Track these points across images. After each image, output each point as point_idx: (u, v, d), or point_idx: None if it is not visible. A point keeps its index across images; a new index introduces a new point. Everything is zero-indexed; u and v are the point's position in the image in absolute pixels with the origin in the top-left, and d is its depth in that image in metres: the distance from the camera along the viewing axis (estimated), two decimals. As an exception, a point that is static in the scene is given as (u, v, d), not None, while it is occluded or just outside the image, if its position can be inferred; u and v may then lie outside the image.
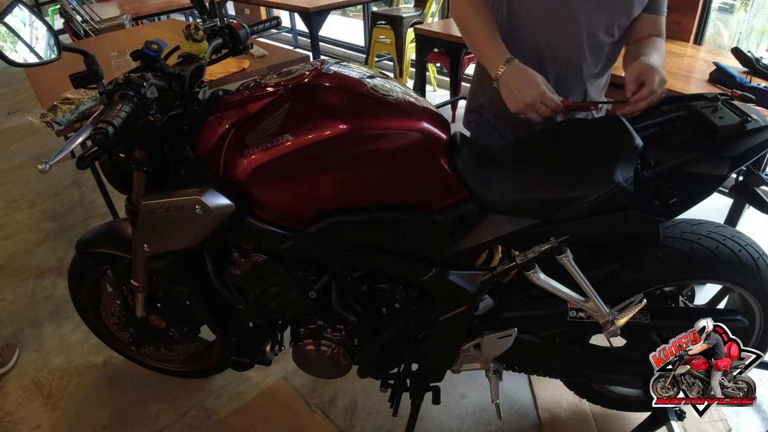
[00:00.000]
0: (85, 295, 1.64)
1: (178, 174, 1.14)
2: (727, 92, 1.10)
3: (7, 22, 1.04)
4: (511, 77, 1.12)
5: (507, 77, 1.12)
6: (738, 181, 1.17)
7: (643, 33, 1.25)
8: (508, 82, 1.12)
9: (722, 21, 3.43)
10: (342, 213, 1.07)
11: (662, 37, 1.26)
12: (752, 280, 1.18)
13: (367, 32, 4.68)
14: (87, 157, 0.95)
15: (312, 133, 1.01)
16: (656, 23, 1.26)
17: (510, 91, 1.11)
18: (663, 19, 1.27)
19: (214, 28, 1.21)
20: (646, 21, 1.25)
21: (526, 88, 1.09)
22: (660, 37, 1.25)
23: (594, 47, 1.25)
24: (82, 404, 1.77)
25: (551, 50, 1.25)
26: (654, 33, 1.25)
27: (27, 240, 2.67)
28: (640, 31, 1.25)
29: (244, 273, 1.21)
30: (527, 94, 1.08)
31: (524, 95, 1.09)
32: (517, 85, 1.10)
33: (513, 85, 1.11)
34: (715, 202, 2.15)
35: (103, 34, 3.41)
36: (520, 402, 1.71)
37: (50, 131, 1.85)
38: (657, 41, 1.23)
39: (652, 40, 1.22)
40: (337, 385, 1.78)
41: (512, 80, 1.11)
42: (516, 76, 1.11)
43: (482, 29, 1.20)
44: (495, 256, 1.23)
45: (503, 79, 1.13)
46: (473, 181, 1.07)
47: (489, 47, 1.18)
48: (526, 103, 1.09)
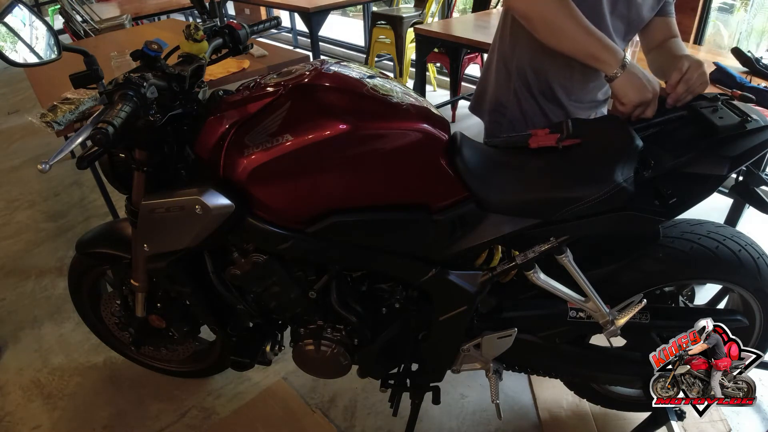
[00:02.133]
0: (85, 295, 1.64)
1: (178, 174, 1.13)
2: (727, 92, 1.10)
3: (7, 22, 1.04)
4: (638, 73, 1.06)
5: (634, 73, 1.06)
6: (738, 181, 1.17)
7: (660, 37, 1.27)
8: (634, 79, 1.06)
9: (722, 21, 3.43)
10: (342, 213, 1.07)
11: (678, 37, 1.27)
12: (752, 280, 1.18)
13: (367, 32, 4.68)
14: (87, 157, 0.95)
15: (312, 133, 1.00)
16: (669, 25, 1.27)
17: (636, 86, 1.05)
18: (674, 20, 1.29)
19: (214, 28, 1.21)
20: (658, 25, 1.27)
21: (643, 88, 1.05)
22: (678, 38, 1.26)
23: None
24: (82, 404, 1.77)
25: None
26: (670, 35, 1.27)
27: (27, 240, 2.67)
28: (656, 35, 1.28)
29: (244, 273, 1.21)
30: (651, 89, 1.05)
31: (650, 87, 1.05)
32: (637, 86, 1.05)
33: (639, 81, 1.05)
34: (715, 202, 2.15)
35: (103, 34, 3.41)
36: (520, 402, 1.71)
37: (50, 131, 1.85)
38: (678, 42, 1.24)
39: (674, 42, 1.24)
40: (337, 385, 1.78)
41: (639, 75, 1.06)
42: (634, 79, 1.06)
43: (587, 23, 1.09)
44: (495, 256, 1.23)
45: (628, 72, 1.06)
46: (473, 181, 1.07)
47: (602, 43, 1.08)
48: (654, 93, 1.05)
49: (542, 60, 1.29)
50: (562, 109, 1.36)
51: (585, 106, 1.39)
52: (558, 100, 1.35)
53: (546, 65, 1.29)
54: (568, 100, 1.35)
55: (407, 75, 4.23)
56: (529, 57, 1.30)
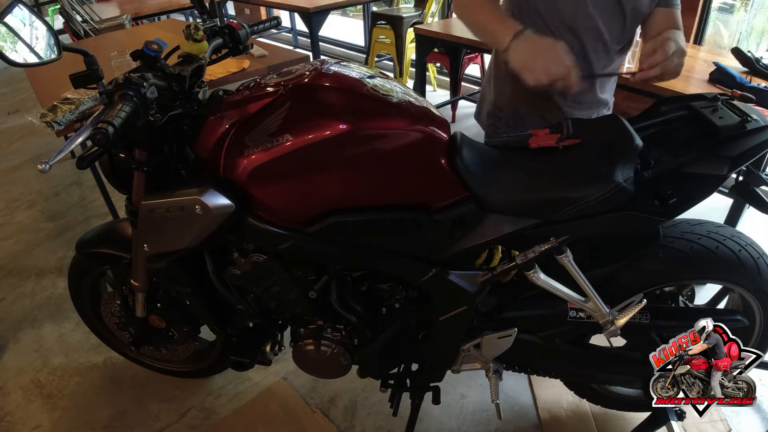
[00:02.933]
0: (85, 295, 1.64)
1: (178, 174, 1.14)
2: (727, 92, 1.10)
3: (7, 22, 1.04)
4: (523, 46, 1.05)
5: (519, 45, 1.05)
6: (738, 181, 1.17)
7: (662, 27, 1.23)
8: (521, 50, 1.05)
9: (722, 21, 3.43)
10: (342, 213, 1.07)
11: (680, 29, 1.23)
12: (752, 280, 1.18)
13: (367, 32, 4.68)
14: (87, 157, 0.95)
15: (312, 133, 1.01)
16: (672, 16, 1.24)
17: (524, 59, 1.04)
18: (678, 12, 1.25)
19: (214, 28, 1.21)
20: (660, 16, 1.24)
21: (541, 53, 1.03)
22: (678, 30, 1.22)
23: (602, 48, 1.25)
24: (82, 404, 1.77)
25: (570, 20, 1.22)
26: (672, 26, 1.23)
27: (27, 240, 2.67)
28: (657, 26, 1.24)
29: (244, 273, 1.21)
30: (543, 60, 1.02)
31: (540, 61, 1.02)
32: (532, 52, 1.04)
33: (527, 52, 1.04)
34: (715, 202, 2.15)
35: (103, 34, 3.41)
36: (520, 402, 1.71)
37: (50, 131, 1.85)
38: (676, 31, 1.21)
39: (674, 32, 1.21)
40: (337, 385, 1.78)
41: (526, 48, 1.05)
42: (530, 44, 1.05)
43: (487, 8, 1.16)
44: (495, 256, 1.23)
45: (519, 41, 1.05)
46: (473, 181, 1.07)
47: (499, 22, 1.12)
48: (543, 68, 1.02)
49: None
50: (559, 110, 1.36)
51: (583, 107, 1.39)
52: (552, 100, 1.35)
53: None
54: (563, 100, 1.35)
55: (407, 75, 4.23)
56: None
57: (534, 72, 1.04)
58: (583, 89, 1.33)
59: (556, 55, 1.02)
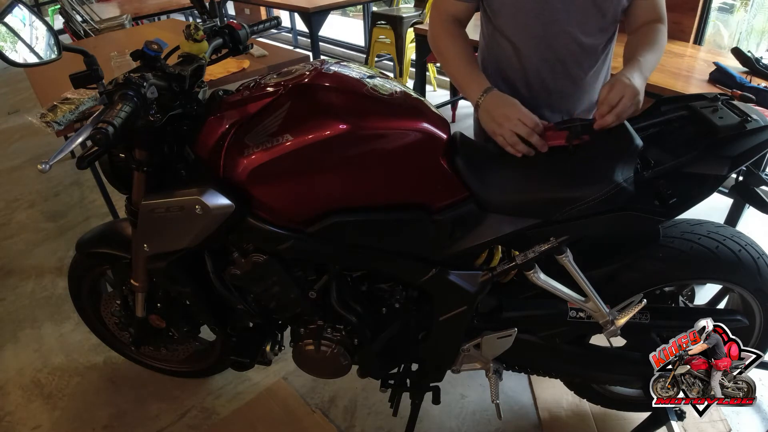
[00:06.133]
0: (85, 295, 1.64)
1: (178, 174, 1.13)
2: (727, 92, 1.10)
3: (7, 22, 1.04)
4: (491, 102, 1.13)
5: (487, 103, 1.13)
6: (738, 181, 1.17)
7: (643, 19, 1.22)
8: (489, 108, 1.12)
9: (722, 21, 3.43)
10: (342, 213, 1.07)
11: (662, 21, 1.21)
12: (752, 280, 1.18)
13: (367, 32, 4.68)
14: (87, 157, 0.95)
15: (312, 133, 1.01)
16: (654, 7, 1.22)
17: (490, 115, 1.11)
18: (660, 2, 1.22)
19: (214, 28, 1.21)
20: (642, 7, 1.22)
21: (504, 107, 1.10)
22: (660, 23, 1.21)
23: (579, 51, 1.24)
24: (82, 404, 1.77)
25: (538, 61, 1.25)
26: (653, 18, 1.21)
27: (27, 240, 2.67)
28: (639, 17, 1.22)
29: (244, 273, 1.21)
30: (506, 113, 1.08)
31: (503, 114, 1.08)
32: (498, 110, 1.10)
33: (493, 109, 1.11)
34: (715, 202, 2.15)
35: (103, 34, 3.41)
36: (520, 402, 1.71)
37: (50, 131, 1.85)
38: (656, 30, 1.19)
39: (652, 29, 1.19)
40: (337, 385, 1.78)
41: (492, 105, 1.12)
42: (495, 102, 1.12)
43: (461, 61, 1.23)
44: (495, 256, 1.23)
45: (483, 105, 1.14)
46: (473, 181, 1.07)
47: (469, 78, 1.21)
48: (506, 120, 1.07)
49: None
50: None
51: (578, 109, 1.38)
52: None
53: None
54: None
55: (407, 75, 4.22)
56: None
57: (502, 137, 1.09)
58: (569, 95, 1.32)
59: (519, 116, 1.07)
